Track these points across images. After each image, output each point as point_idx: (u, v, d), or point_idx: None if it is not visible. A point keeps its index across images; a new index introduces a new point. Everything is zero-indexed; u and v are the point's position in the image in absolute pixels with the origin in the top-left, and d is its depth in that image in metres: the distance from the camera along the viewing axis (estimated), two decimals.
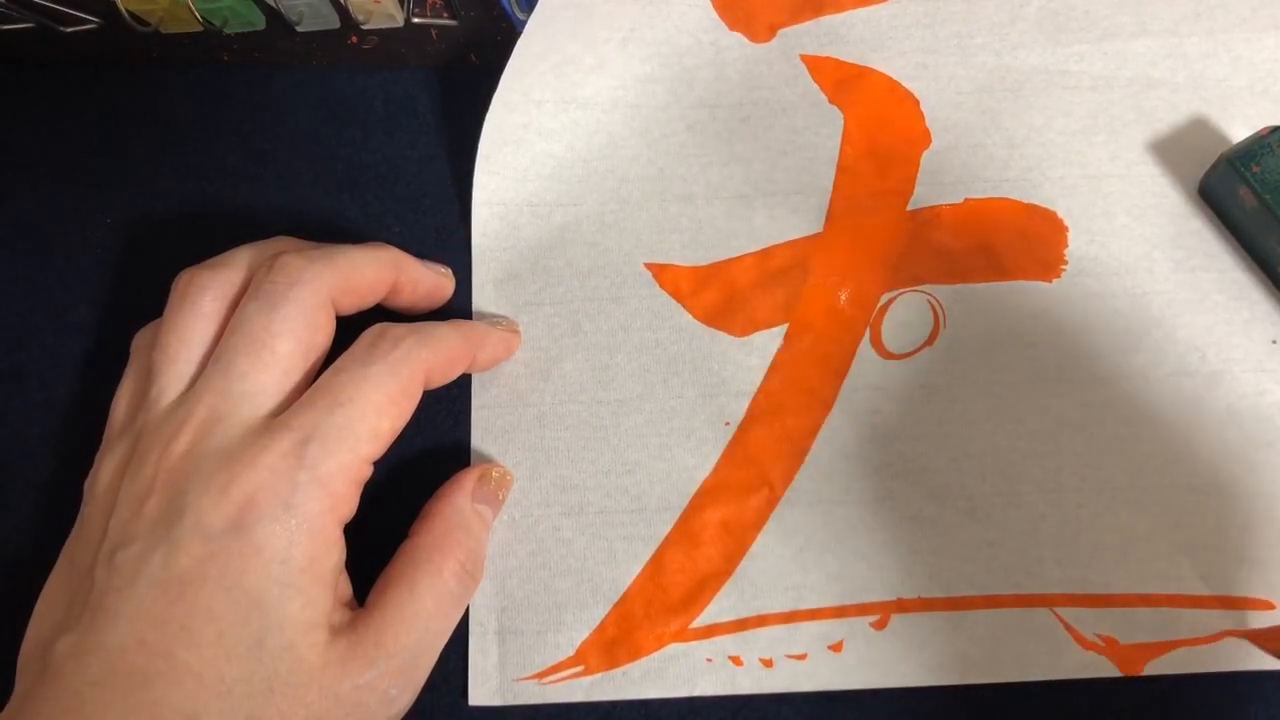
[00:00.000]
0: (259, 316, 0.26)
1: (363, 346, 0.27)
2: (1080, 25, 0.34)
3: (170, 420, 0.25)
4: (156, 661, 0.22)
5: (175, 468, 0.24)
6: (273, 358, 0.26)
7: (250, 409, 0.25)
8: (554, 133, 0.33)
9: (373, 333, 0.27)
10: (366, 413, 0.25)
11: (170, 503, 0.24)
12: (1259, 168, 0.30)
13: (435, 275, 0.31)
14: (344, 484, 0.25)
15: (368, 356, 0.26)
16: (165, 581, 0.23)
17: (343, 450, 0.25)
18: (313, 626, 0.24)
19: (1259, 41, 0.34)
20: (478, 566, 0.29)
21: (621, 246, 0.33)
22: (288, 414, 0.25)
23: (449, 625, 0.28)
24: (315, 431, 0.24)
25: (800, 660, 0.29)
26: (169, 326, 0.27)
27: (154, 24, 0.34)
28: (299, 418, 0.25)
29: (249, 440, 0.24)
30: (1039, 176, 0.33)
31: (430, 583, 0.27)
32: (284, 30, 0.34)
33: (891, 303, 0.32)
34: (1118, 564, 0.30)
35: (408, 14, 0.34)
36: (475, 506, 0.29)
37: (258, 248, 0.29)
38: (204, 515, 0.23)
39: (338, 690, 0.24)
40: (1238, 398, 0.31)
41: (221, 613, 0.23)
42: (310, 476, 0.24)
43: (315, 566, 0.24)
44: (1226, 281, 0.32)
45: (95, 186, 0.34)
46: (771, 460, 0.31)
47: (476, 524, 0.29)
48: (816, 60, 0.34)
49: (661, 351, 0.32)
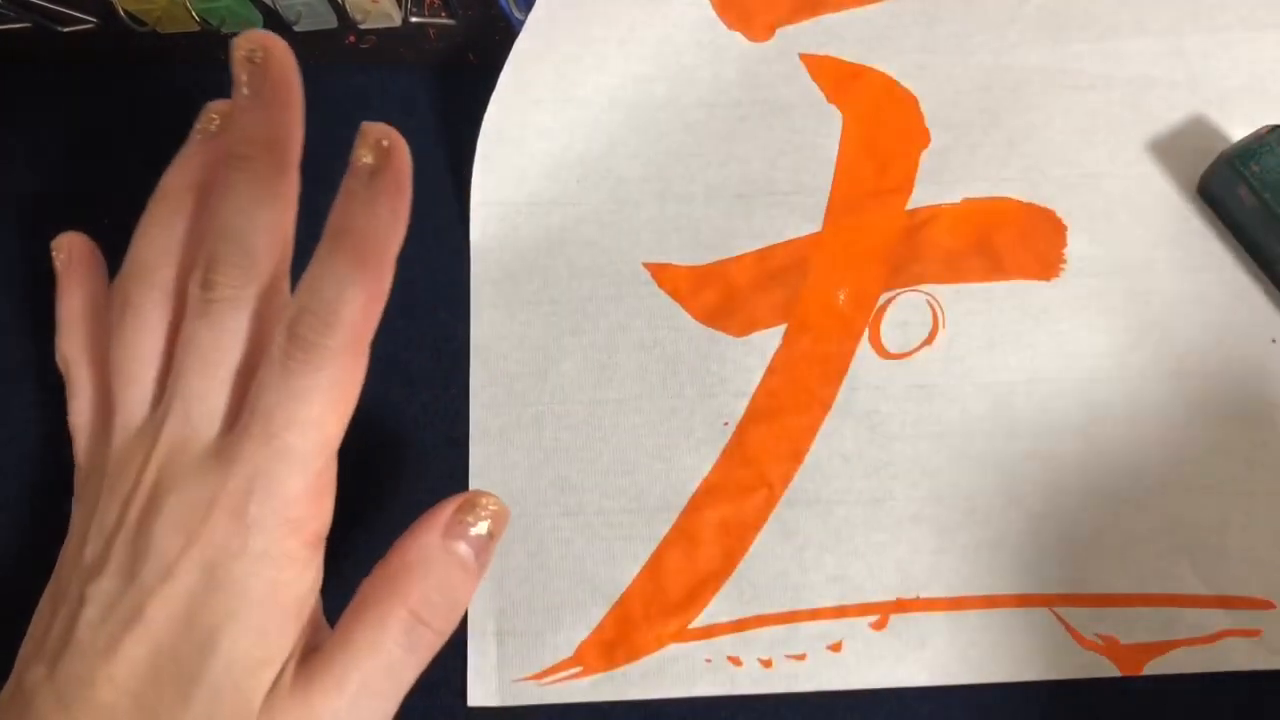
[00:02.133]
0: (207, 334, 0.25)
1: (279, 343, 0.24)
2: (1079, 24, 0.34)
3: (138, 451, 0.25)
4: (122, 699, 0.22)
5: (143, 505, 0.24)
6: (226, 374, 0.25)
7: (208, 429, 0.24)
8: (552, 132, 0.33)
9: (270, 311, 0.25)
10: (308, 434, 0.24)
11: (136, 542, 0.23)
12: (1258, 167, 0.30)
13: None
14: (302, 505, 0.24)
15: (287, 363, 0.23)
16: (129, 620, 0.23)
17: (291, 477, 0.23)
18: (262, 664, 0.23)
19: (1258, 40, 0.34)
20: (438, 615, 0.24)
21: (620, 246, 0.33)
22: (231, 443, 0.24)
23: (394, 688, 0.24)
24: (259, 467, 0.23)
25: (799, 660, 0.29)
26: (122, 345, 0.26)
27: (151, 24, 0.34)
28: (242, 448, 0.23)
29: (206, 472, 0.24)
30: (1038, 176, 0.33)
31: (369, 639, 0.24)
32: (281, 29, 0.34)
33: (890, 302, 0.32)
34: (1118, 564, 0.30)
35: (405, 13, 0.34)
36: (443, 544, 0.25)
37: (162, 231, 0.27)
38: (167, 556, 0.23)
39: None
40: (1238, 397, 0.31)
41: (181, 652, 0.23)
42: (261, 509, 0.23)
43: (277, 596, 0.23)
44: (1226, 281, 0.32)
45: (93, 186, 0.34)
46: (770, 460, 0.31)
47: (438, 564, 0.24)
48: (815, 59, 0.34)
49: (660, 351, 0.32)
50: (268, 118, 0.26)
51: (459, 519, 0.25)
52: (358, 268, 0.24)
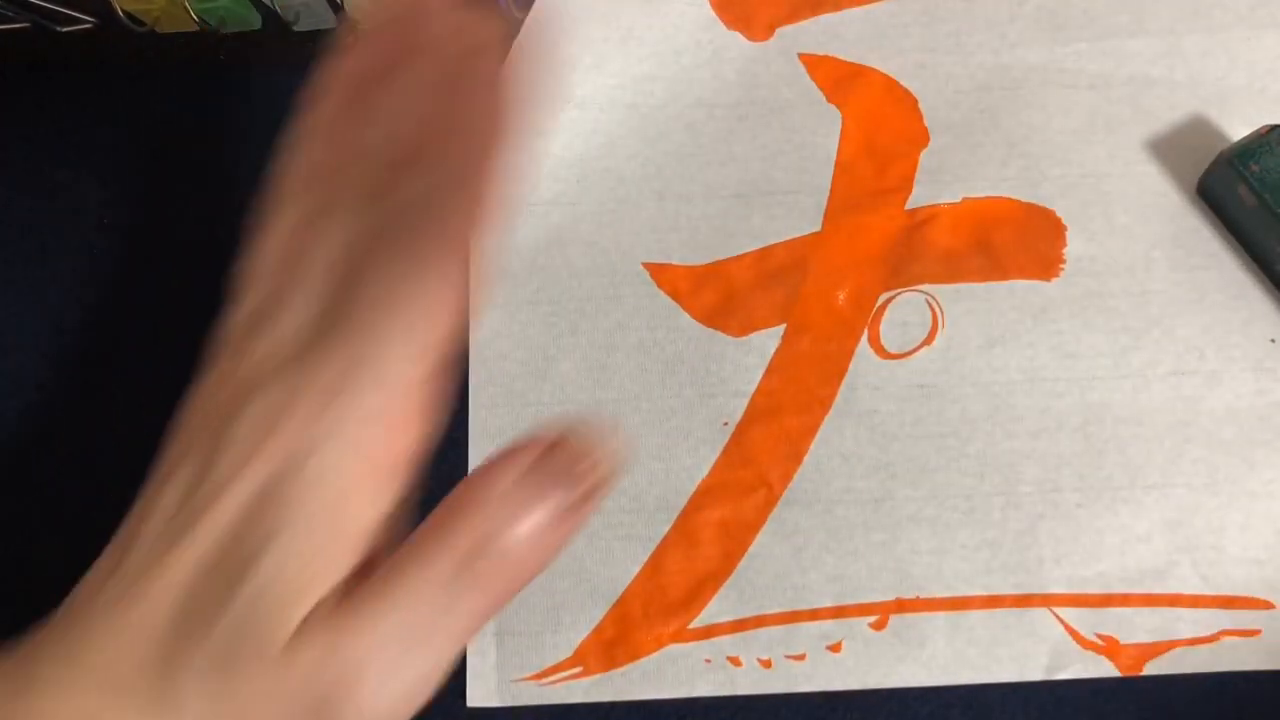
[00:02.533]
0: (333, 225, 0.23)
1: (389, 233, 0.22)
2: (1079, 24, 0.34)
3: (244, 343, 0.23)
4: (170, 595, 0.21)
5: (234, 397, 0.22)
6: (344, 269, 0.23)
7: (315, 323, 0.22)
8: (552, 132, 0.33)
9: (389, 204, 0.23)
10: (404, 328, 0.21)
11: (220, 434, 0.22)
12: (1258, 166, 0.30)
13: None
14: (385, 421, 0.21)
15: (394, 264, 0.22)
16: (195, 515, 0.21)
17: (379, 382, 0.21)
18: (302, 591, 0.20)
19: (1258, 40, 0.34)
20: (498, 561, 0.21)
21: (619, 246, 0.33)
22: (328, 335, 0.22)
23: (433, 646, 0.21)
24: (352, 359, 0.21)
25: (799, 660, 0.29)
26: (253, 249, 0.24)
27: (150, 24, 0.34)
28: (334, 341, 0.22)
29: (300, 366, 0.22)
30: (1038, 175, 0.33)
31: (416, 576, 0.21)
32: (280, 30, 0.34)
33: (890, 302, 0.32)
34: (1118, 564, 0.30)
35: None
36: (515, 489, 0.21)
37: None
38: (243, 452, 0.21)
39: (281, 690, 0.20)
40: (1237, 397, 0.31)
41: (229, 560, 0.21)
42: (340, 416, 0.21)
43: (334, 523, 0.21)
44: (1225, 280, 0.32)
45: (91, 186, 0.34)
46: (770, 460, 0.31)
47: (503, 508, 0.21)
48: (815, 59, 0.34)
49: (659, 351, 0.32)
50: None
51: (544, 464, 0.21)
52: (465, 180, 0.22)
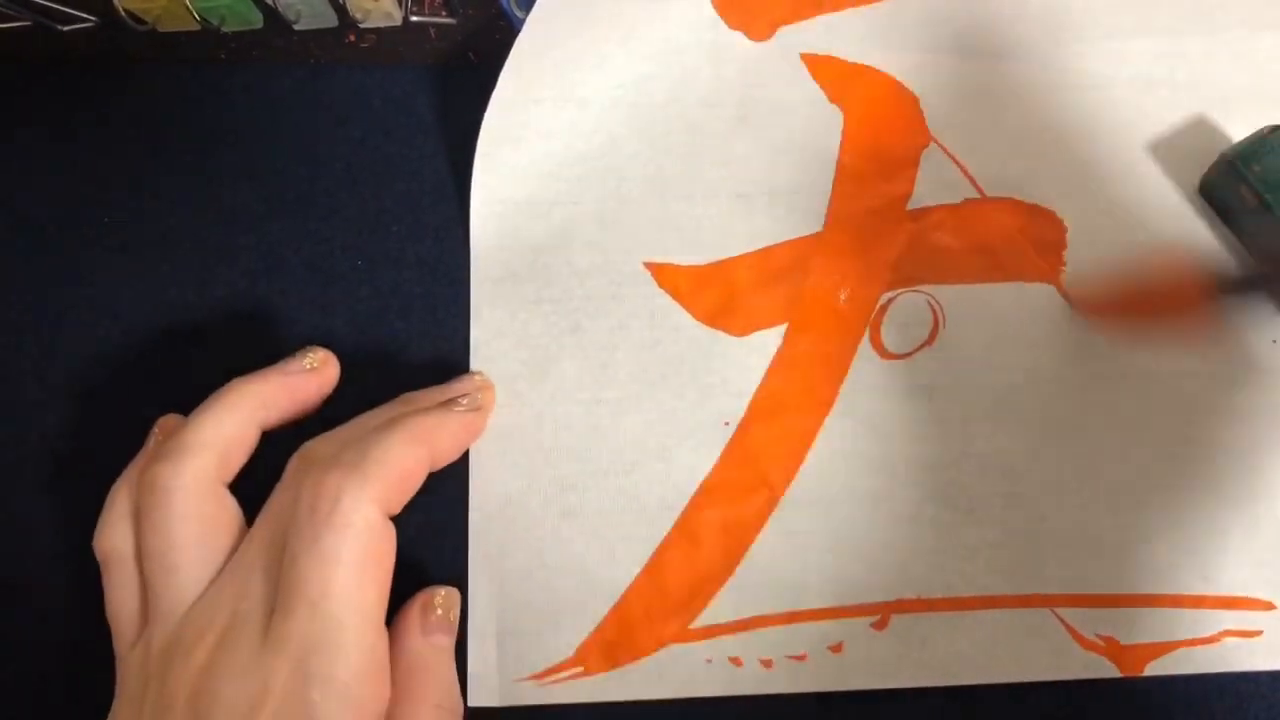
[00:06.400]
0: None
1: (303, 511, 0.24)
2: (1081, 24, 0.34)
3: (184, 640, 0.24)
4: None
5: (197, 691, 0.23)
6: (277, 553, 0.25)
7: (258, 610, 0.24)
8: (553, 131, 0.33)
9: (300, 486, 0.25)
10: (348, 597, 0.24)
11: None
12: (1259, 167, 0.30)
13: (463, 423, 0.29)
14: (361, 683, 0.24)
15: (312, 530, 0.24)
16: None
17: (342, 653, 0.23)
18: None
19: (1259, 40, 0.34)
20: (454, 700, 0.27)
21: (621, 245, 0.33)
22: (278, 620, 0.24)
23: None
24: (308, 642, 0.23)
25: (800, 661, 0.29)
26: (154, 533, 0.25)
27: (151, 22, 0.34)
28: (288, 626, 0.23)
29: (261, 656, 0.23)
30: (1039, 176, 0.33)
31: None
32: (281, 28, 0.34)
33: (891, 303, 0.32)
34: (1118, 564, 0.30)
35: (406, 12, 0.34)
36: (429, 641, 0.27)
37: (219, 417, 0.27)
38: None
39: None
40: (1238, 398, 0.31)
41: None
42: (324, 693, 0.23)
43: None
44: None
45: (92, 185, 0.34)
46: (771, 460, 0.31)
47: (435, 660, 0.27)
48: (816, 59, 0.34)
49: (661, 351, 0.32)
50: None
51: (426, 617, 0.28)
52: (416, 433, 0.27)
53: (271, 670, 0.23)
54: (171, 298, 0.32)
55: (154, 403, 0.30)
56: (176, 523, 0.25)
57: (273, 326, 0.32)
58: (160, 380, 0.32)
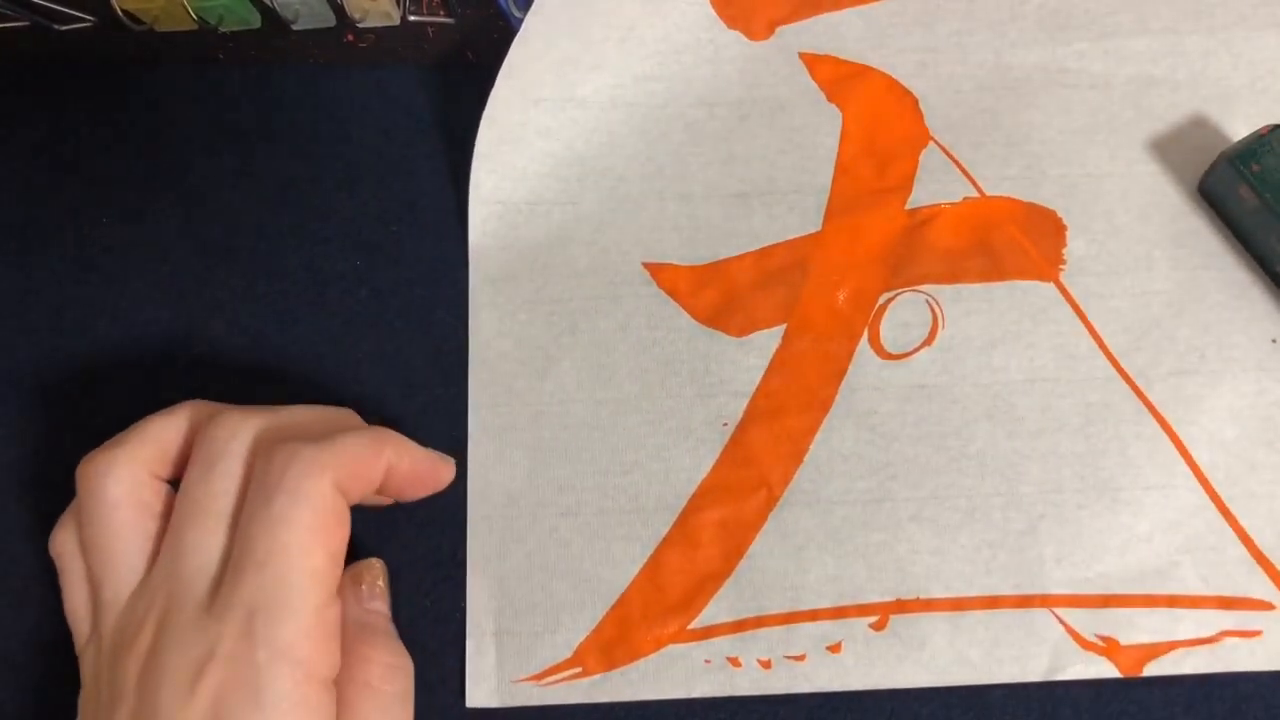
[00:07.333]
0: (200, 485, 0.25)
1: (257, 479, 0.25)
2: (1080, 23, 0.34)
3: (132, 617, 0.25)
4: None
5: (144, 671, 0.24)
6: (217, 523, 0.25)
7: (203, 580, 0.24)
8: (551, 131, 0.33)
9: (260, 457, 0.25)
10: (297, 559, 0.24)
11: (143, 710, 0.23)
12: (1259, 166, 0.30)
13: (431, 458, 0.28)
14: (309, 644, 0.24)
15: (264, 494, 0.24)
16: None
17: (289, 613, 0.23)
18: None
19: (1259, 39, 0.34)
20: (404, 659, 0.27)
21: (619, 245, 0.33)
22: (225, 587, 0.24)
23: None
24: (255, 604, 0.23)
25: (799, 661, 0.29)
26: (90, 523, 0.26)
27: (149, 22, 0.33)
28: (236, 591, 0.23)
29: (205, 622, 0.23)
30: (1038, 175, 0.33)
31: (368, 696, 0.26)
32: (279, 28, 0.34)
33: (890, 303, 0.32)
34: (1118, 564, 0.30)
35: (404, 12, 0.34)
36: (367, 608, 0.28)
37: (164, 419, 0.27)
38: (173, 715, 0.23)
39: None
40: (1238, 397, 0.31)
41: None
42: (269, 654, 0.23)
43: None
44: (1226, 281, 0.32)
45: (91, 185, 0.34)
46: (770, 460, 0.31)
47: (377, 622, 0.28)
48: (815, 58, 0.34)
49: (659, 351, 0.32)
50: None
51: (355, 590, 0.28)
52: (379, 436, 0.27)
53: (217, 635, 0.23)
54: (171, 298, 0.32)
55: (154, 403, 0.29)
56: (109, 509, 0.25)
57: (272, 326, 0.32)
58: (160, 380, 0.32)
